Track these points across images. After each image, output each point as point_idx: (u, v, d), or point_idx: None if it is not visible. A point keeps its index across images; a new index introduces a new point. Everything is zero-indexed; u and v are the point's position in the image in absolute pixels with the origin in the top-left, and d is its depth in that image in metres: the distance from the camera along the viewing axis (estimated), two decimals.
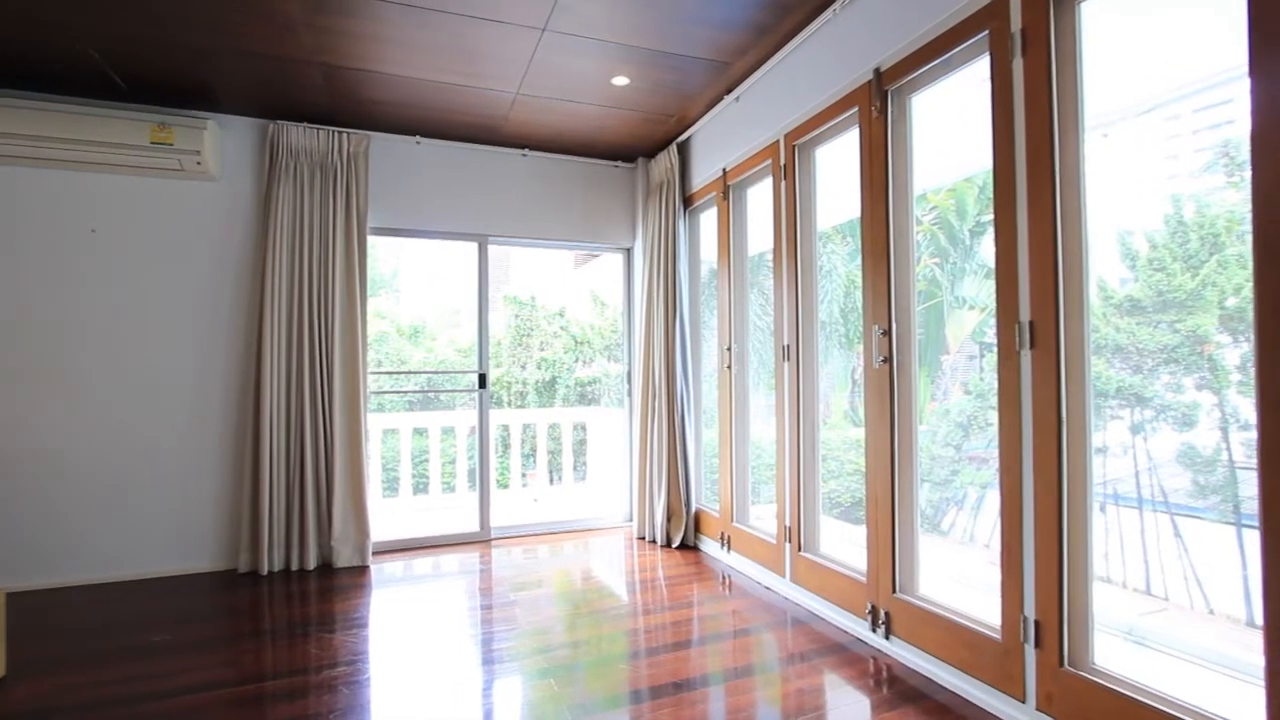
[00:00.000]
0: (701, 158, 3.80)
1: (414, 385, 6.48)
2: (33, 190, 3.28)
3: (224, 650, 2.54)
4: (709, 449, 4.05)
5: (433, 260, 8.61)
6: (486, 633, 2.67)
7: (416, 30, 2.74)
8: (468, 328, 7.99)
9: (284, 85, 3.23)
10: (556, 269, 9.19)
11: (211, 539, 3.52)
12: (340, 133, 3.63)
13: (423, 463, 5.46)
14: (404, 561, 3.69)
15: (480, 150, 4.07)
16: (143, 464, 3.42)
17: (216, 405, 3.54)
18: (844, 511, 3.73)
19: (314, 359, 3.52)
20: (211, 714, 2.04)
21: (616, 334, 7.40)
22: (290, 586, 3.27)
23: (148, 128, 3.23)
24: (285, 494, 3.49)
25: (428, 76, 3.15)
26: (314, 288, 3.55)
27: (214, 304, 3.55)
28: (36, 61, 2.95)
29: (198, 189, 3.53)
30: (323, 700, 2.12)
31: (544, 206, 4.22)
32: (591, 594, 3.16)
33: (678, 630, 2.68)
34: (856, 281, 3.89)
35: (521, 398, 7.40)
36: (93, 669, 2.36)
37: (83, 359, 3.35)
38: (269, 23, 2.67)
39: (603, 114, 3.62)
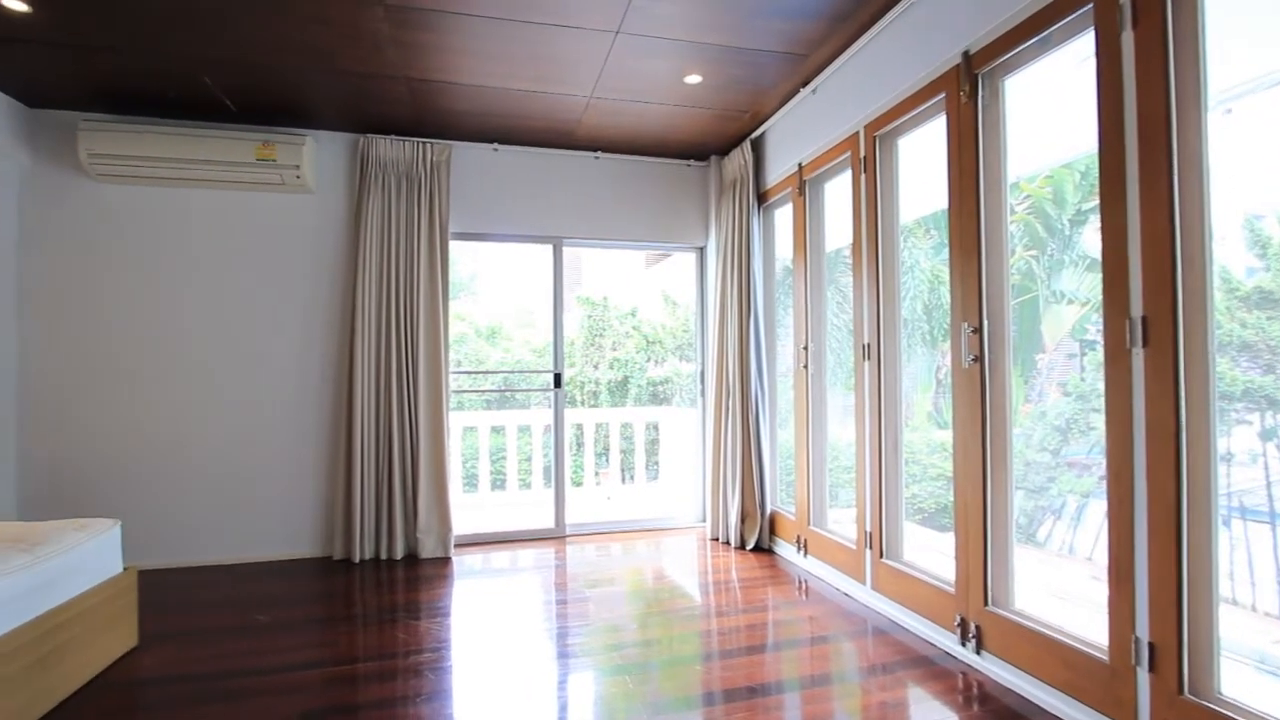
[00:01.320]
0: (776, 153, 3.73)
1: (491, 384, 6.70)
2: (155, 207, 3.62)
3: (322, 632, 2.71)
4: (784, 450, 3.96)
5: (508, 263, 8.86)
6: (561, 627, 2.73)
7: (494, 41, 2.82)
8: (542, 328, 8.17)
9: (372, 100, 3.41)
10: (628, 269, 9.27)
11: (311, 528, 3.76)
12: (424, 143, 3.80)
13: (500, 460, 5.63)
14: (483, 555, 3.82)
15: (554, 154, 4.15)
16: (251, 458, 3.70)
17: (314, 403, 3.78)
18: (928, 518, 3.56)
19: (400, 360, 3.71)
20: (311, 691, 2.18)
21: (688, 334, 7.36)
22: (380, 574, 3.45)
23: (254, 145, 3.50)
24: (375, 487, 3.68)
25: (504, 85, 3.25)
26: (400, 292, 3.73)
27: (310, 308, 3.79)
28: (157, 89, 3.25)
29: (296, 201, 3.79)
30: (409, 684, 2.22)
31: (617, 207, 4.26)
32: (664, 593, 3.16)
33: (752, 634, 2.64)
34: (941, 277, 3.71)
35: (594, 397, 7.50)
36: (209, 643, 2.57)
37: (199, 361, 3.66)
38: (360, 42, 2.83)
39: (675, 113, 3.62)
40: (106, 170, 3.40)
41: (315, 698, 2.14)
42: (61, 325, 3.50)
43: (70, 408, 3.50)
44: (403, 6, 2.56)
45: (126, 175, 3.45)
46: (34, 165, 3.48)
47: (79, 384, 3.52)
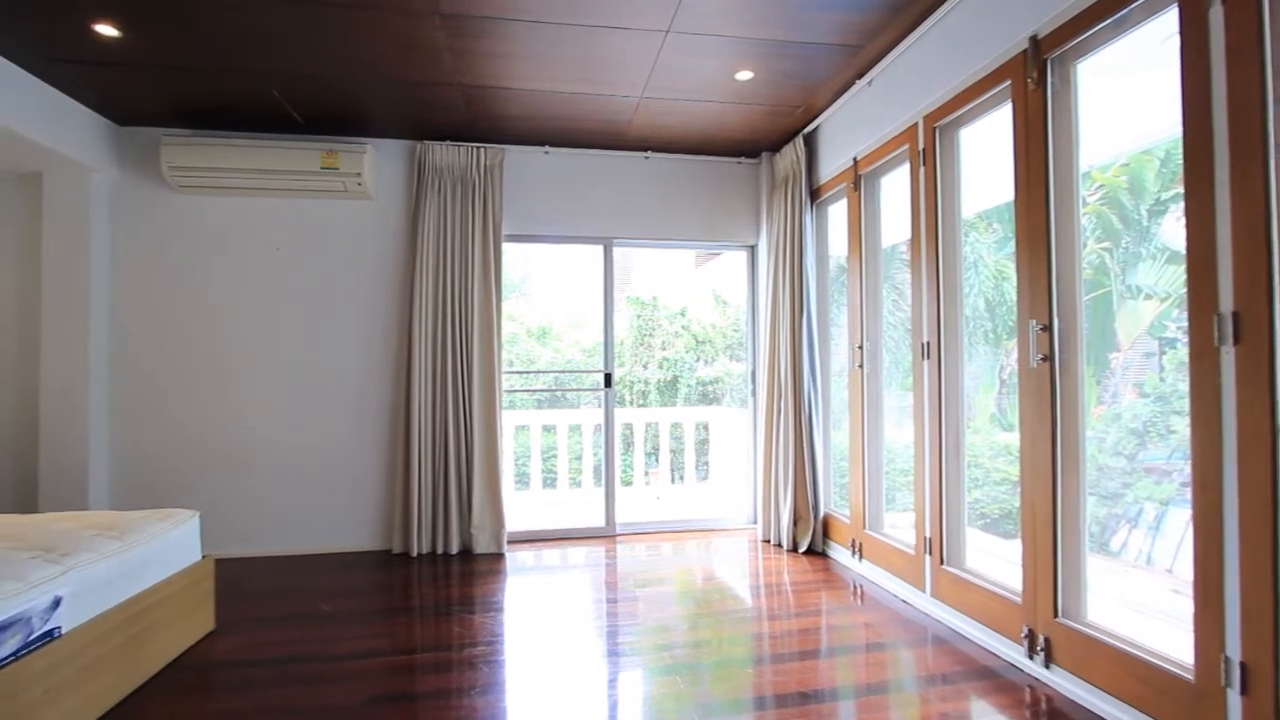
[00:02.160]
0: (830, 148, 3.65)
1: (542, 384, 6.79)
2: (229, 215, 3.82)
3: (381, 622, 2.80)
4: (838, 452, 3.88)
5: (558, 264, 8.96)
6: (611, 625, 2.74)
7: (546, 45, 2.86)
8: (591, 329, 8.24)
9: (429, 108, 3.51)
10: (677, 269, 9.24)
11: (371, 522, 3.90)
12: (478, 148, 3.88)
13: (551, 458, 5.71)
14: (534, 552, 3.88)
15: (604, 156, 4.18)
16: (316, 454, 3.87)
17: (374, 402, 3.92)
18: (991, 524, 3.41)
19: (456, 360, 3.80)
20: (373, 678, 2.26)
21: (739, 333, 7.29)
22: (436, 568, 3.55)
23: (318, 155, 3.65)
24: (432, 484, 3.79)
25: (555, 88, 3.28)
26: (455, 294, 3.82)
27: (371, 311, 3.94)
28: (231, 104, 3.43)
29: (358, 207, 3.94)
30: (465, 676, 2.27)
31: (667, 207, 4.25)
32: (714, 595, 3.14)
33: (805, 638, 2.59)
34: (1005, 273, 3.55)
35: (644, 397, 7.52)
36: (279, 629, 2.70)
37: (269, 361, 3.85)
38: (418, 52, 2.91)
39: (725, 111, 3.58)
40: (186, 181, 3.61)
41: (378, 685, 2.21)
42: (147, 327, 3.75)
43: (155, 405, 3.74)
44: (458, 15, 2.62)
45: (204, 186, 3.66)
46: (123, 178, 3.73)
47: (163, 382, 3.75)
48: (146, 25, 2.67)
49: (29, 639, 1.75)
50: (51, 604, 1.84)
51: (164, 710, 2.06)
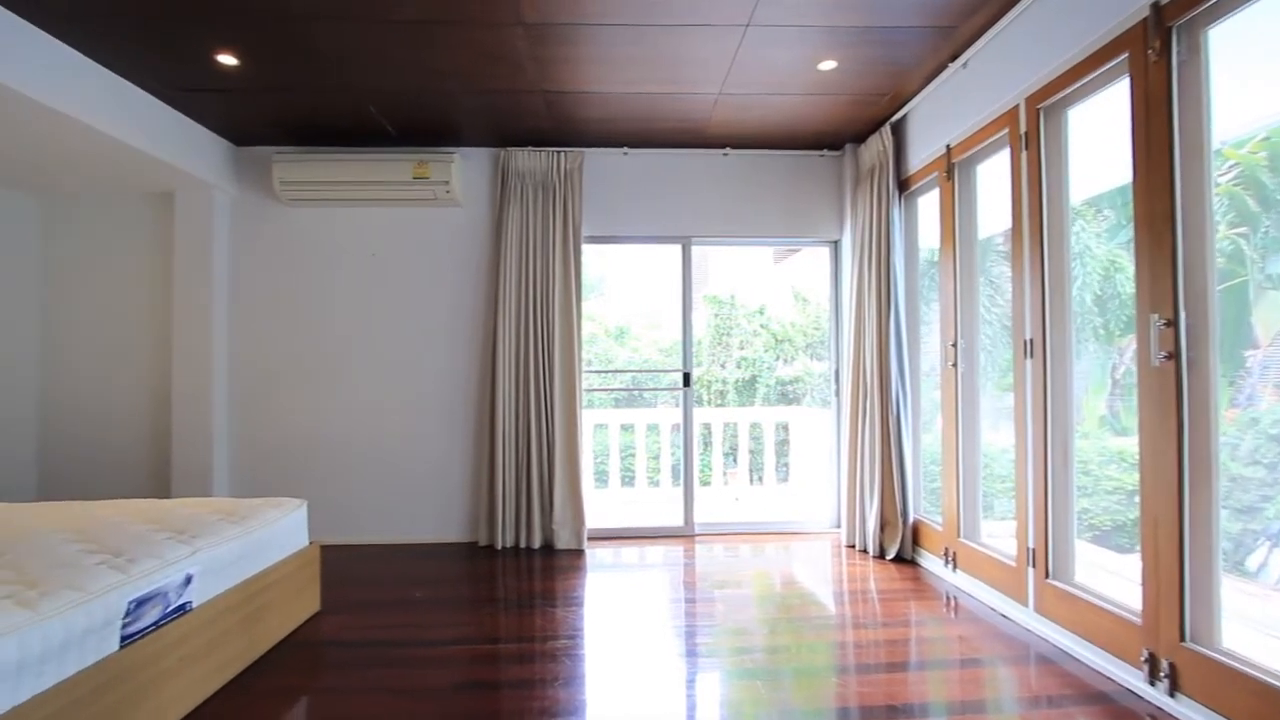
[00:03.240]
0: (920, 136, 3.48)
1: (620, 383, 6.86)
2: (330, 225, 4.10)
3: (469, 611, 2.92)
4: (928, 455, 3.69)
5: (635, 264, 9.02)
6: (689, 625, 2.73)
7: (624, 47, 2.88)
8: (668, 328, 8.24)
9: (512, 116, 3.62)
10: (755, 266, 9.09)
11: (459, 515, 4.07)
12: (558, 152, 3.97)
13: (629, 457, 5.75)
14: (613, 549, 3.92)
15: (682, 154, 4.17)
16: (408, 450, 4.08)
17: (462, 400, 4.09)
18: (1102, 536, 3.14)
19: (538, 359, 3.91)
20: (461, 664, 2.35)
21: (820, 331, 7.09)
22: (519, 562, 3.66)
23: (410, 165, 3.85)
24: (515, 480, 3.91)
25: (633, 90, 3.30)
26: (537, 295, 3.93)
27: (458, 312, 4.11)
28: (332, 120, 3.67)
29: (446, 214, 4.12)
30: (547, 668, 2.32)
31: (746, 204, 4.19)
32: (794, 599, 3.06)
33: (893, 649, 2.48)
34: (1118, 263, 3.26)
35: (721, 396, 7.45)
36: (376, 613, 2.86)
37: (366, 361, 4.10)
38: (502, 62, 3.01)
39: (807, 103, 3.49)
40: (293, 195, 3.90)
41: (464, 672, 2.31)
42: (260, 331, 4.08)
43: (267, 402, 4.07)
44: (540, 24, 2.69)
45: (309, 199, 3.94)
46: (240, 194, 4.08)
47: (274, 382, 4.07)
48: (260, 53, 2.90)
49: (166, 611, 1.94)
50: (184, 581, 2.03)
51: (277, 684, 2.23)
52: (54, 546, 2.04)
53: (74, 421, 4.02)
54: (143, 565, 1.92)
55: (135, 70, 3.05)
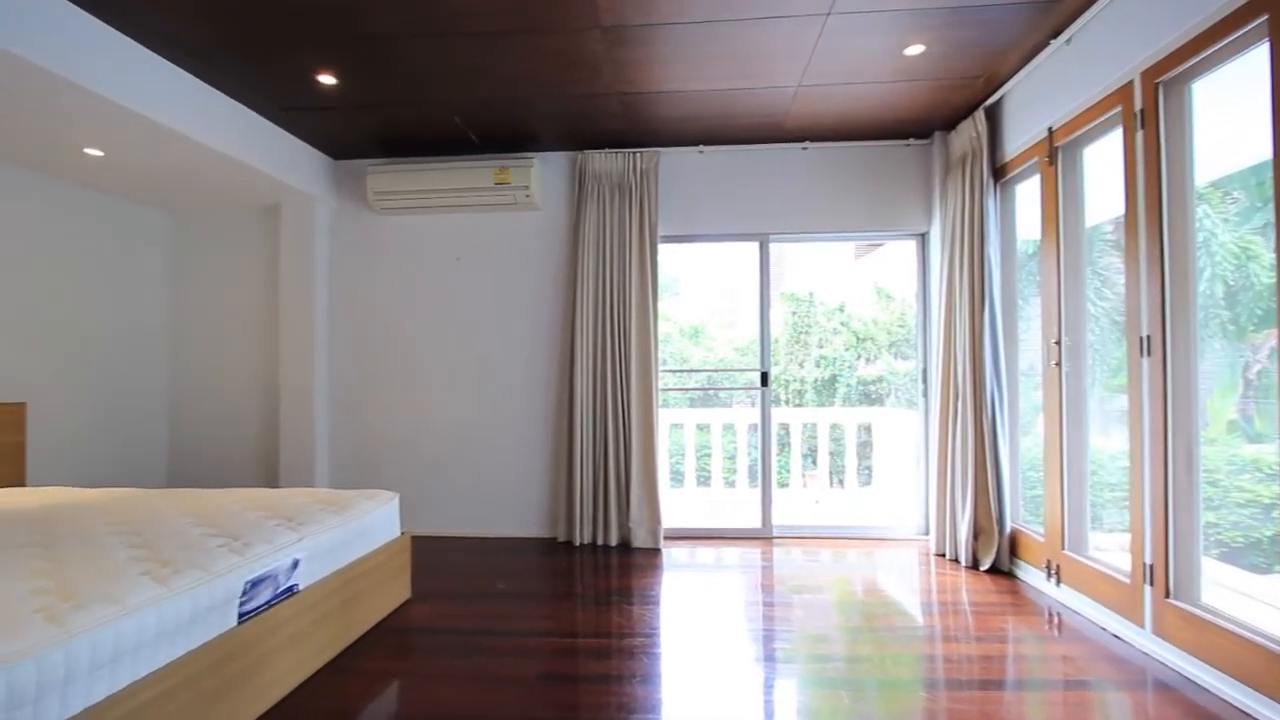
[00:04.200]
0: (1017, 120, 3.26)
1: (695, 383, 6.83)
2: (418, 232, 4.30)
3: (549, 605, 2.99)
4: (1027, 460, 3.45)
5: (710, 263, 8.96)
6: (767, 629, 2.67)
7: (701, 45, 2.86)
8: (743, 327, 8.13)
9: (588, 119, 3.68)
10: (835, 262, 8.82)
11: (537, 511, 4.18)
12: (634, 153, 4.00)
13: (705, 457, 5.71)
14: (689, 549, 3.90)
15: (759, 150, 4.09)
16: (490, 447, 4.23)
17: (540, 399, 4.20)
18: (1232, 554, 2.82)
19: (614, 359, 3.95)
20: (541, 657, 2.41)
21: (905, 329, 6.79)
22: (596, 559, 3.71)
23: (492, 171, 3.98)
24: (593, 478, 3.97)
25: (710, 87, 3.28)
26: (614, 295, 3.97)
27: (537, 313, 4.21)
28: (419, 132, 3.85)
29: (525, 218, 4.23)
30: (625, 664, 2.34)
31: (826, 198, 4.07)
32: (878, 608, 2.94)
33: (987, 666, 2.33)
34: (1251, 250, 2.93)
35: (799, 396, 7.27)
36: (462, 603, 2.98)
37: (451, 362, 4.27)
38: (579, 66, 3.06)
39: (891, 90, 3.34)
40: (386, 204, 4.12)
41: (547, 663, 2.36)
42: (356, 333, 4.34)
43: (361, 400, 4.32)
44: (617, 26, 2.71)
45: (399, 207, 4.15)
46: (338, 205, 4.35)
47: (368, 381, 4.33)
48: (357, 71, 3.09)
49: (276, 593, 2.10)
50: (292, 565, 2.18)
51: (373, 665, 2.36)
52: (182, 529, 2.25)
53: (196, 417, 4.42)
54: (257, 549, 2.08)
55: (248, 93, 3.32)
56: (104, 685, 1.50)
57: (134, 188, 3.90)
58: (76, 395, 3.83)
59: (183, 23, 2.66)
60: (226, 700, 1.84)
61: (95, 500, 2.82)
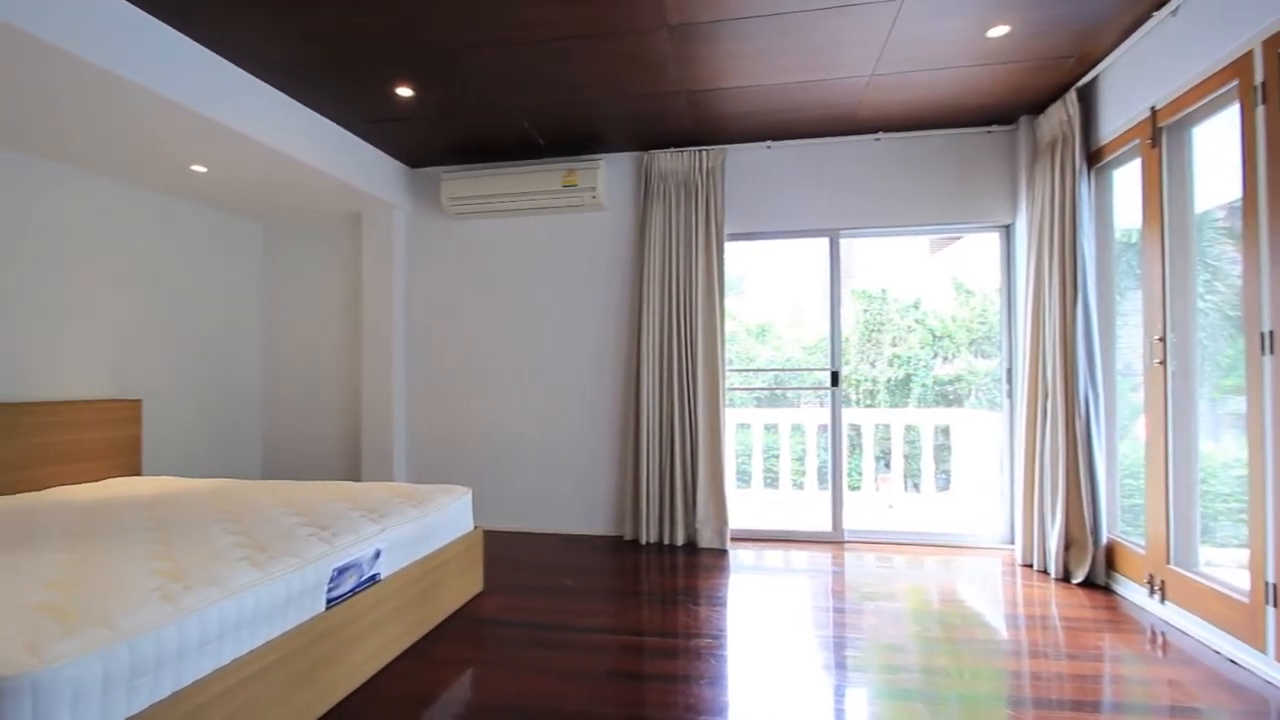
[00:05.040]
0: (1115, 100, 3.03)
1: (762, 382, 6.72)
2: (489, 235, 4.43)
3: (616, 602, 3.01)
4: (1125, 466, 3.21)
5: (776, 261, 8.80)
6: (837, 636, 2.60)
7: (769, 39, 2.81)
8: (812, 326, 7.93)
9: (654, 118, 3.68)
10: (909, 257, 8.47)
11: (604, 508, 4.22)
12: (700, 151, 3.97)
13: (772, 458, 5.62)
14: (756, 551, 3.85)
15: (830, 143, 3.98)
16: (558, 444, 4.31)
17: (607, 397, 4.24)
18: None
19: (681, 358, 3.94)
20: (610, 653, 2.43)
21: (986, 326, 6.45)
22: (663, 558, 3.71)
23: (559, 174, 4.06)
24: (659, 477, 3.98)
25: (778, 80, 3.21)
26: (680, 294, 3.96)
27: (603, 313, 4.26)
28: (489, 139, 3.96)
29: (591, 219, 4.28)
30: (692, 665, 2.33)
31: (900, 191, 3.92)
32: (956, 619, 2.80)
33: (1081, 686, 2.18)
34: None
35: (871, 396, 7.03)
36: (532, 597, 3.05)
37: (521, 360, 4.38)
38: (646, 67, 3.07)
39: (971, 75, 3.18)
40: (459, 209, 4.27)
41: (614, 660, 2.38)
42: (431, 333, 4.52)
43: (436, 397, 4.49)
44: (685, 24, 2.70)
45: (471, 211, 4.29)
46: (414, 211, 4.54)
47: (442, 379, 4.49)
48: (432, 83, 3.21)
49: (360, 580, 2.21)
50: (374, 555, 2.30)
51: (449, 654, 2.45)
52: (276, 518, 2.41)
53: (287, 413, 4.72)
54: (343, 539, 2.20)
55: (334, 108, 3.51)
56: (210, 660, 1.62)
57: (232, 201, 4.20)
58: (184, 393, 4.17)
59: (277, 45, 2.84)
60: (317, 680, 1.95)
61: (200, 489, 3.06)
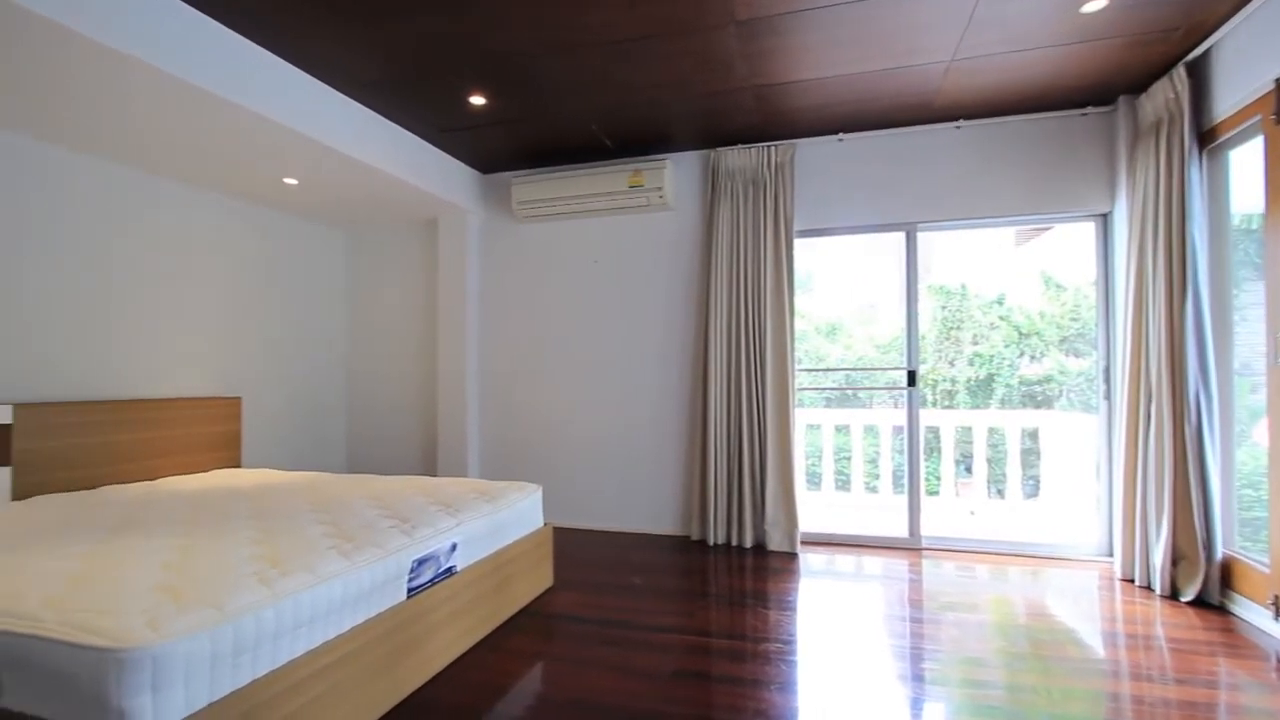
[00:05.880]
0: (1231, 73, 2.77)
1: (832, 382, 6.55)
2: (557, 237, 4.51)
3: (684, 602, 3.00)
4: (1242, 475, 2.92)
5: (845, 256, 8.55)
6: (914, 647, 2.49)
7: (840, 28, 2.73)
8: (884, 323, 7.65)
9: (721, 116, 3.64)
10: (992, 250, 8.03)
11: (671, 508, 4.22)
12: (768, 147, 3.90)
13: (844, 460, 5.45)
14: (827, 555, 3.74)
15: (905, 134, 3.83)
16: (625, 443, 4.33)
17: (674, 397, 4.23)
18: None
19: (749, 357, 3.88)
20: (677, 653, 2.43)
21: (1080, 322, 6.05)
22: (730, 560, 3.67)
23: (626, 175, 4.08)
24: (727, 477, 3.94)
25: (851, 71, 3.11)
26: (748, 293, 3.90)
27: (670, 312, 4.25)
28: (558, 143, 4.03)
29: (658, 219, 4.29)
30: (761, 669, 2.29)
31: (983, 180, 3.71)
32: (1045, 635, 2.63)
33: (1192, 713, 2.00)
34: None
35: (950, 397, 6.71)
36: (600, 594, 3.08)
37: (588, 360, 4.44)
38: (713, 64, 3.04)
39: (1065, 54, 2.97)
40: (528, 213, 4.37)
41: (681, 660, 2.37)
42: (502, 334, 4.64)
43: (506, 396, 4.62)
44: (752, 19, 2.66)
45: (540, 215, 4.38)
46: (486, 216, 4.68)
47: (512, 379, 4.61)
48: (504, 91, 3.30)
49: (438, 572, 2.30)
50: (451, 548, 2.38)
51: (520, 646, 2.51)
52: (360, 510, 2.54)
53: (369, 410, 4.97)
54: (422, 531, 2.29)
55: (412, 120, 3.66)
56: (303, 642, 1.72)
57: (318, 210, 4.46)
58: (278, 391, 4.46)
59: (360, 61, 2.99)
60: (398, 666, 2.05)
61: (293, 481, 3.27)
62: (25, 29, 2.11)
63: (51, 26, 2.10)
